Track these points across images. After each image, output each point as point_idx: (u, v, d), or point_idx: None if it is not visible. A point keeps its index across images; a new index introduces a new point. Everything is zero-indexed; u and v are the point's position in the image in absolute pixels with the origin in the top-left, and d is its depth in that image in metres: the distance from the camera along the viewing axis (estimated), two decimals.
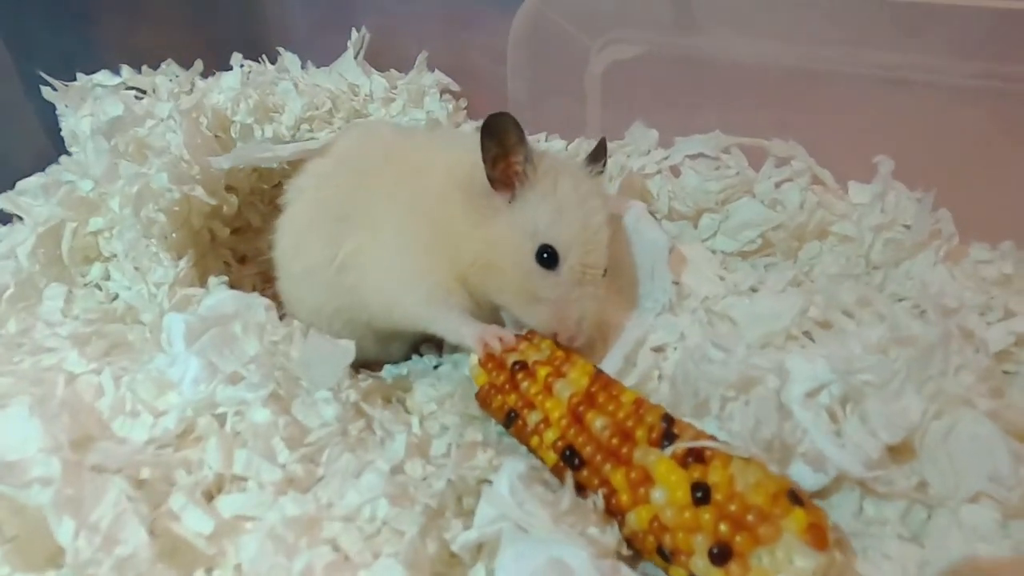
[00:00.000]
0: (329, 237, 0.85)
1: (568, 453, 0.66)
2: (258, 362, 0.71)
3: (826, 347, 0.70)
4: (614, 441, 0.63)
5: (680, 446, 0.60)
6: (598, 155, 0.86)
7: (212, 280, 0.90)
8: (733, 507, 0.55)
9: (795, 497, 0.55)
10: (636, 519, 0.59)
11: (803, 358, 0.68)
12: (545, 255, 0.74)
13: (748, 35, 1.33)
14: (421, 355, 0.98)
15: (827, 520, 0.55)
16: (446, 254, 0.79)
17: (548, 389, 0.71)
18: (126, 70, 1.04)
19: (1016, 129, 0.97)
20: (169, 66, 1.11)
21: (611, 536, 0.59)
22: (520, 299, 0.76)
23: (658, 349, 0.85)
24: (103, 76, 1.03)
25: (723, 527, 0.54)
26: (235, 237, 1.16)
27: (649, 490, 0.59)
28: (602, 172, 0.85)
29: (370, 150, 0.91)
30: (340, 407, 0.71)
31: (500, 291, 0.78)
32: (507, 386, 0.74)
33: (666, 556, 0.58)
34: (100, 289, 0.89)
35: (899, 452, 0.65)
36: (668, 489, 0.58)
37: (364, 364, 0.92)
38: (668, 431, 0.62)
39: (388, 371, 0.93)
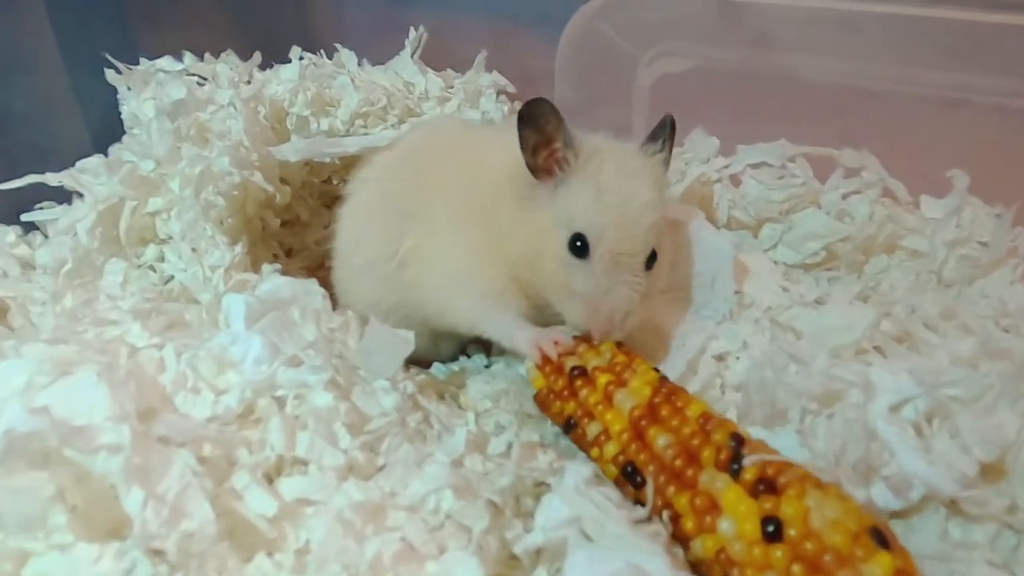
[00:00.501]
0: (391, 231, 0.84)
1: (630, 470, 0.63)
2: (316, 348, 0.70)
3: (907, 360, 0.67)
4: (678, 462, 0.59)
5: (750, 462, 0.55)
6: (658, 134, 0.79)
7: (266, 267, 0.89)
8: (809, 546, 0.50)
9: (879, 536, 0.49)
10: (702, 547, 0.55)
11: (886, 371, 0.65)
12: (578, 243, 0.70)
13: (800, 51, 1.32)
14: (468, 356, 0.95)
15: (914, 565, 0.49)
16: (499, 253, 0.77)
17: (608, 399, 0.67)
18: (188, 56, 1.05)
19: None
20: (229, 56, 1.12)
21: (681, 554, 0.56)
22: (557, 293, 0.73)
23: (720, 357, 0.82)
24: (165, 62, 1.03)
25: (796, 569, 0.49)
26: (284, 230, 1.16)
27: (716, 519, 0.54)
28: (661, 152, 0.78)
29: (435, 145, 0.90)
30: (400, 397, 0.69)
31: (542, 286, 0.74)
32: (566, 392, 0.71)
33: None
34: (154, 271, 0.89)
35: (988, 473, 0.61)
36: (736, 520, 0.53)
37: (414, 361, 0.90)
38: (737, 452, 0.57)
39: (438, 368, 0.91)
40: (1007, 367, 0.61)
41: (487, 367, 0.90)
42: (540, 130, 0.72)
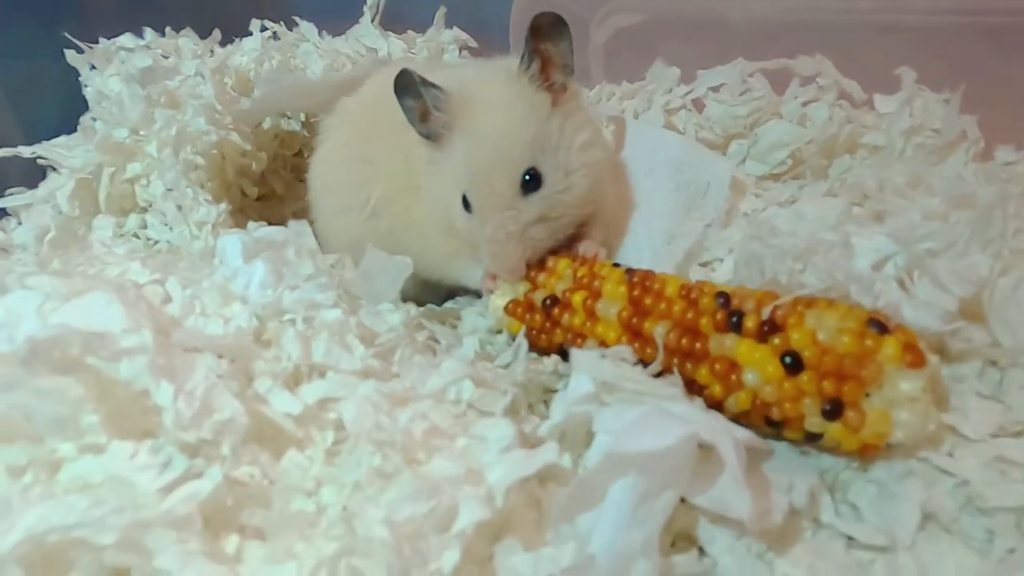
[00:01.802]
0: (358, 179, 0.85)
1: (643, 367, 0.63)
2: (315, 280, 0.71)
3: (884, 227, 0.71)
4: (684, 342, 0.61)
5: (746, 312, 0.58)
6: (523, 49, 0.73)
7: (251, 224, 0.89)
8: (828, 360, 0.54)
9: (878, 325, 0.54)
10: (736, 403, 0.58)
11: (861, 236, 0.69)
12: (465, 199, 0.72)
13: None
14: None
15: (916, 337, 0.54)
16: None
17: (591, 314, 0.68)
18: (149, 32, 1.05)
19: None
20: (188, 32, 1.12)
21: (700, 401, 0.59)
22: (476, 249, 0.74)
23: (705, 263, 0.86)
24: (127, 39, 1.03)
25: (827, 385, 0.53)
26: (260, 204, 1.16)
27: (739, 375, 0.57)
28: (528, 68, 0.72)
29: (391, 94, 0.91)
30: (405, 314, 0.70)
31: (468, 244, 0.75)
32: (547, 325, 0.72)
33: (775, 424, 0.57)
34: (138, 238, 0.88)
35: (968, 315, 0.65)
36: (757, 368, 0.56)
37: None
38: (730, 309, 0.60)
39: (431, 306, 0.93)
40: (973, 214, 0.65)
41: (480, 298, 0.92)
42: (419, 98, 0.72)
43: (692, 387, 0.61)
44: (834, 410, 0.53)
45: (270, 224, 1.16)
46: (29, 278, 0.55)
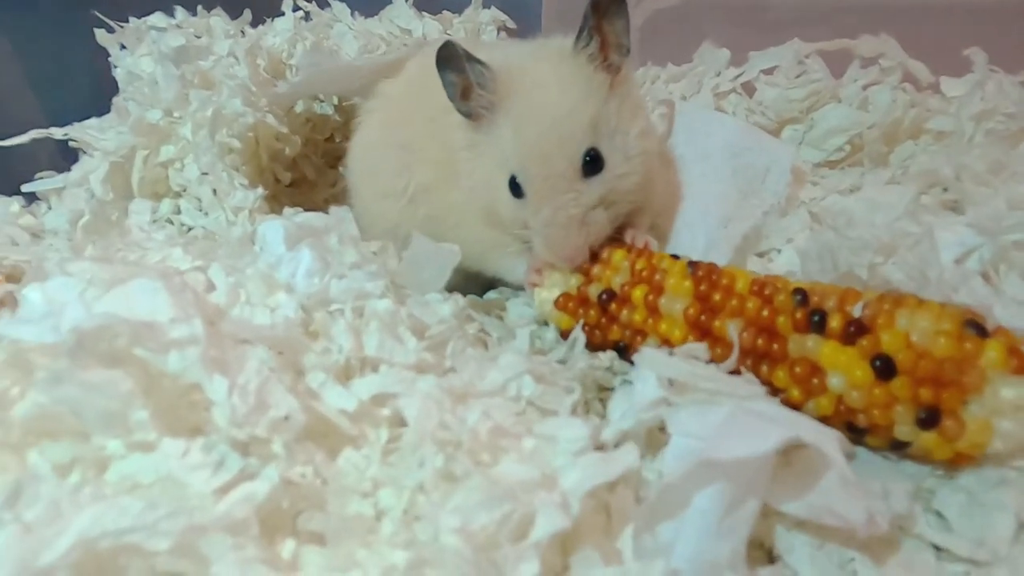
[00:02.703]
0: (397, 164, 0.81)
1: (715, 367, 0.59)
2: (364, 269, 0.67)
3: (966, 216, 0.67)
4: (760, 342, 0.56)
5: (830, 311, 0.54)
6: (584, 23, 0.68)
7: (287, 210, 0.86)
8: (925, 365, 0.49)
9: (977, 327, 0.49)
10: (817, 408, 0.54)
11: (943, 227, 0.65)
12: (515, 182, 0.67)
13: None
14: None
15: (1015, 337, 0.49)
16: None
17: (654, 310, 0.63)
18: (180, 12, 1.01)
19: None
20: (219, 12, 1.08)
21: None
22: (524, 235, 0.70)
23: (761, 254, 0.82)
24: (157, 18, 1.00)
25: (923, 392, 0.49)
26: (292, 190, 1.13)
27: (822, 379, 0.53)
28: (588, 45, 0.68)
29: (432, 79, 0.87)
30: (455, 305, 0.67)
31: (513, 232, 0.71)
32: (603, 320, 0.67)
33: (859, 431, 0.53)
34: (172, 224, 0.85)
35: None
36: (844, 373, 0.52)
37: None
38: (809, 307, 0.56)
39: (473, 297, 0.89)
40: None
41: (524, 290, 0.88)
42: (462, 73, 0.68)
43: (772, 389, 0.57)
44: (930, 419, 0.49)
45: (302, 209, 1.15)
46: (69, 264, 0.52)
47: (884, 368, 0.50)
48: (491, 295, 0.88)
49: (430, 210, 0.80)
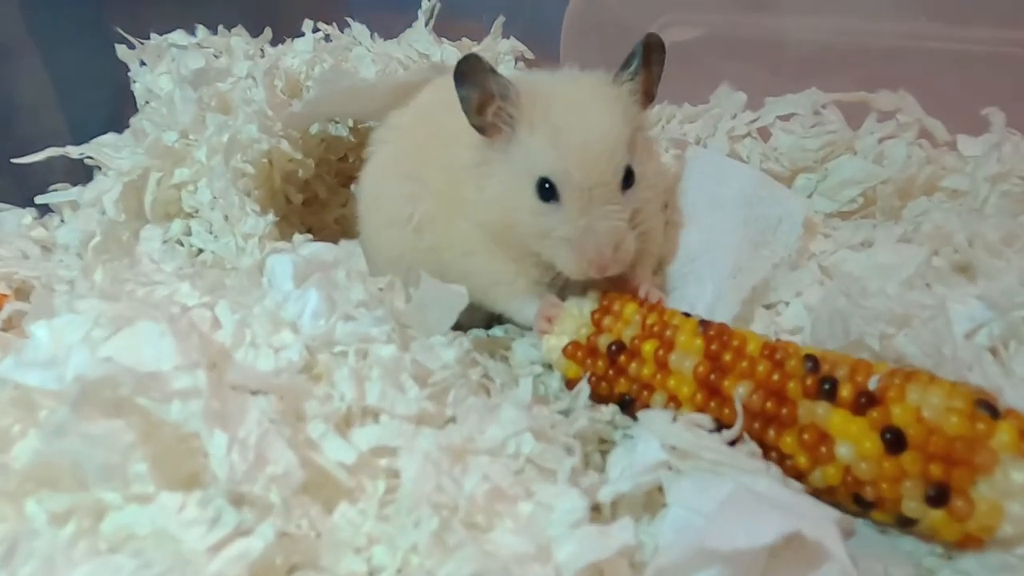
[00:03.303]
0: (404, 193, 0.81)
1: (720, 432, 0.58)
2: (368, 306, 0.67)
3: (973, 288, 0.66)
4: (768, 405, 0.56)
5: (841, 381, 0.54)
6: (630, 60, 0.72)
7: (297, 237, 0.86)
8: (936, 441, 0.49)
9: (988, 406, 0.50)
10: (823, 477, 0.53)
11: (954, 299, 0.64)
12: (546, 186, 0.67)
13: (806, 13, 1.32)
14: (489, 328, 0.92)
15: None
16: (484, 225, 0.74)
17: (663, 366, 0.63)
18: (201, 30, 1.02)
19: None
20: (240, 31, 1.09)
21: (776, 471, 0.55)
22: (542, 245, 0.69)
23: (768, 306, 0.81)
24: (178, 35, 1.00)
25: (934, 468, 0.49)
26: (303, 209, 1.13)
27: (831, 447, 0.53)
28: (632, 80, 0.72)
29: (440, 108, 0.84)
30: (459, 350, 0.67)
31: (527, 244, 0.71)
32: (611, 372, 0.67)
33: (865, 504, 0.52)
34: (181, 245, 0.86)
35: None
36: (853, 443, 0.52)
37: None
38: (820, 374, 0.55)
39: (478, 333, 0.89)
40: None
41: (531, 330, 0.88)
42: (480, 86, 0.68)
43: (769, 454, 0.57)
44: (939, 496, 0.49)
45: (312, 230, 1.15)
46: (77, 302, 0.52)
47: (894, 441, 0.50)
48: (497, 332, 0.88)
49: (434, 240, 0.80)
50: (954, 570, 0.53)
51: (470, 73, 0.67)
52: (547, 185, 0.67)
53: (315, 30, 1.12)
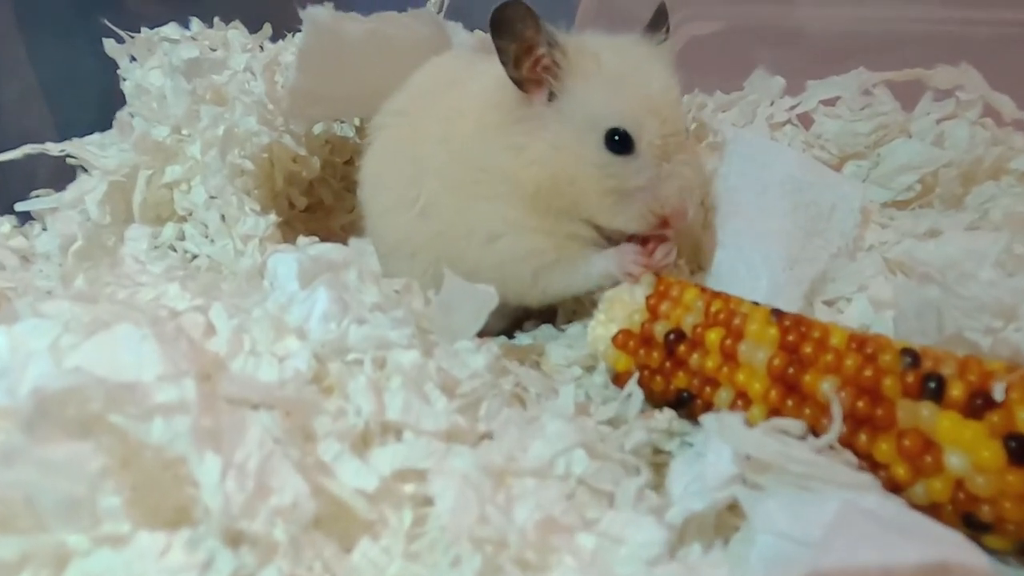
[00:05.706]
0: (406, 177, 0.75)
1: (806, 439, 0.49)
2: (388, 314, 0.59)
3: None
4: (860, 404, 0.48)
5: (950, 378, 0.45)
6: (658, 22, 0.72)
7: (302, 239, 0.78)
8: None
9: None
10: (927, 492, 0.45)
11: None
12: (616, 138, 0.63)
13: (827, 4, 1.27)
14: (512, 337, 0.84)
15: None
16: (515, 195, 0.67)
17: (731, 357, 0.55)
18: (196, 23, 0.95)
19: None
20: (237, 25, 1.02)
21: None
22: (607, 203, 0.65)
23: (829, 303, 0.73)
24: (171, 29, 0.93)
25: None
26: (307, 215, 1.06)
27: (938, 457, 0.44)
28: (664, 40, 0.70)
29: (434, 86, 0.80)
30: (488, 356, 0.58)
31: (584, 206, 0.66)
32: (668, 364, 0.59)
33: (980, 526, 0.43)
34: (175, 251, 0.77)
35: None
36: (967, 451, 0.43)
37: None
38: (924, 371, 0.46)
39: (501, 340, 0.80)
40: None
41: (563, 331, 0.79)
42: (519, 36, 0.63)
43: (859, 463, 0.48)
44: None
45: (317, 238, 1.08)
46: (43, 304, 0.44)
47: (1020, 450, 0.41)
48: (524, 339, 0.79)
49: (442, 226, 0.72)
50: None
51: (511, 21, 0.61)
52: (616, 137, 0.63)
53: None
